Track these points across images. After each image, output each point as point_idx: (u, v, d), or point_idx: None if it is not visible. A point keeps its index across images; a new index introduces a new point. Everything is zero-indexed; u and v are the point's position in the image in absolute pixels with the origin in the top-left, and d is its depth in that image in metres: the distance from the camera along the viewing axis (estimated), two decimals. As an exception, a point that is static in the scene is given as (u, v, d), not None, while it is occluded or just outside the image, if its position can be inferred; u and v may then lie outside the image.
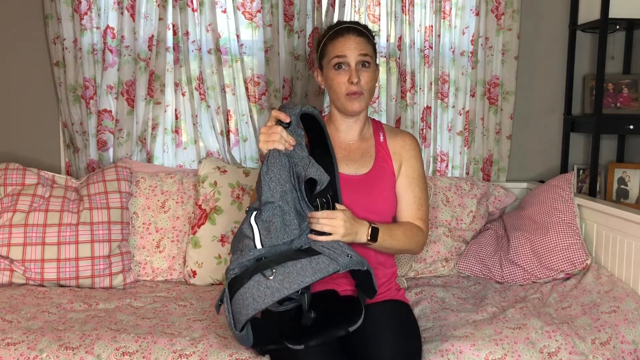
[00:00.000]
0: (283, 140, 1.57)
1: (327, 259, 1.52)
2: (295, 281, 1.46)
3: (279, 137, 1.57)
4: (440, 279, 2.45)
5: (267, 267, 1.49)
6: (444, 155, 2.88)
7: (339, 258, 1.53)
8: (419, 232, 1.83)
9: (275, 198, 1.53)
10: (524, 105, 2.91)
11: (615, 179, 2.87)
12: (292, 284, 1.46)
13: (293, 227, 1.55)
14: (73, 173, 2.71)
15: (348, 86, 1.78)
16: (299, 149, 1.60)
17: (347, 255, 1.54)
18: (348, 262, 1.53)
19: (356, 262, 1.55)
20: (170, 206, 2.47)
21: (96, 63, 2.65)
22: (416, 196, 1.86)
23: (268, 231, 1.54)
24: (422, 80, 2.79)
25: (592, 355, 1.79)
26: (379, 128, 1.93)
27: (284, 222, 1.54)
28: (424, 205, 1.87)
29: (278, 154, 1.56)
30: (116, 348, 1.73)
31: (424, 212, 1.86)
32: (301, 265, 1.49)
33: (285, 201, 1.54)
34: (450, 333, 1.84)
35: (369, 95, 1.82)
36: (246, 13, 2.70)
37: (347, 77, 1.77)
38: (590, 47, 2.90)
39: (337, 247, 1.57)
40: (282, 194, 1.54)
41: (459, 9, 2.80)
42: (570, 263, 2.30)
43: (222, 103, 2.70)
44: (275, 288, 1.46)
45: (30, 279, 2.27)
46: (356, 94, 1.78)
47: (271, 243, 1.53)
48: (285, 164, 1.56)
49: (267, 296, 1.46)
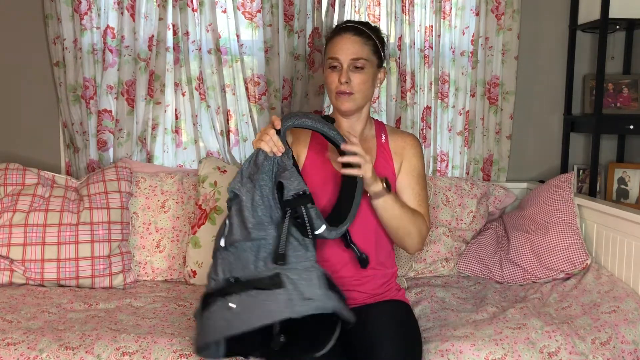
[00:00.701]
0: (272, 143, 1.59)
1: (285, 300, 1.42)
2: (248, 321, 1.42)
3: (268, 139, 1.59)
4: (440, 279, 2.45)
5: (233, 292, 1.46)
6: (444, 155, 2.88)
7: (297, 304, 1.41)
8: (424, 224, 1.82)
9: (242, 192, 1.54)
10: (524, 105, 2.91)
11: (615, 179, 2.87)
12: (243, 324, 1.42)
13: (250, 225, 1.51)
14: (73, 173, 2.71)
15: (338, 85, 1.79)
16: (285, 158, 1.60)
17: (308, 298, 1.42)
18: (306, 309, 1.41)
19: (315, 307, 1.42)
20: (170, 206, 2.47)
21: (96, 63, 2.65)
22: (416, 193, 1.86)
23: (230, 227, 1.54)
24: (422, 80, 2.79)
25: (592, 355, 1.79)
26: (381, 128, 1.93)
27: (242, 219, 1.52)
28: (424, 202, 1.86)
29: (262, 155, 1.58)
30: (116, 348, 1.73)
31: (425, 210, 1.86)
32: (262, 298, 1.43)
33: (249, 198, 1.53)
34: (450, 333, 1.84)
35: (362, 96, 1.81)
36: (246, 13, 2.70)
37: (339, 76, 1.79)
38: (590, 47, 2.90)
39: (307, 280, 1.46)
40: (248, 189, 1.54)
41: (459, 9, 2.80)
42: (570, 263, 2.30)
43: (222, 103, 2.70)
44: (231, 322, 1.43)
45: (30, 279, 2.27)
46: (345, 93, 1.78)
47: (231, 240, 1.53)
48: (264, 166, 1.57)
49: (224, 329, 1.44)
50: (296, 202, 1.53)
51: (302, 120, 1.65)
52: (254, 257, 1.51)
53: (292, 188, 1.54)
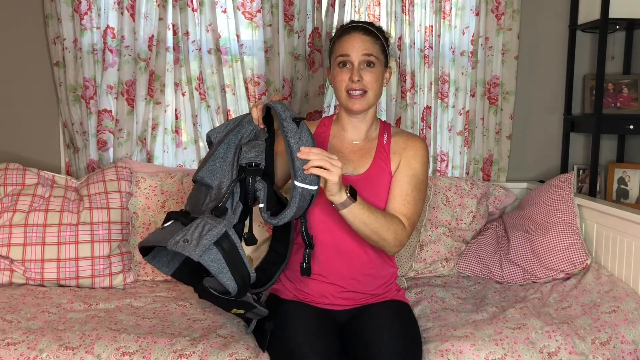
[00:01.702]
0: (258, 114, 1.68)
1: (173, 234, 1.58)
2: (154, 240, 1.63)
3: (260, 108, 1.68)
4: (440, 279, 2.45)
5: (174, 218, 1.68)
6: (444, 155, 2.88)
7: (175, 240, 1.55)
8: (400, 225, 1.74)
9: (213, 140, 1.74)
10: (524, 105, 2.91)
11: (615, 179, 2.87)
12: (153, 241, 1.63)
13: (203, 170, 1.70)
14: (73, 173, 2.71)
15: (349, 83, 1.78)
16: (262, 132, 1.71)
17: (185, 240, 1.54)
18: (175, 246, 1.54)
19: (182, 248, 1.53)
20: (170, 206, 2.47)
21: (96, 63, 2.65)
22: (403, 191, 1.80)
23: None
24: (422, 80, 2.79)
25: (592, 355, 1.79)
26: (386, 130, 1.91)
27: (203, 162, 1.71)
28: (410, 203, 1.79)
29: (248, 118, 1.72)
30: (116, 348, 1.73)
31: (410, 211, 1.78)
32: (174, 229, 1.62)
33: (215, 147, 1.71)
34: (450, 333, 1.84)
35: (374, 94, 1.81)
36: (246, 13, 2.70)
37: (349, 75, 1.78)
38: (590, 47, 2.90)
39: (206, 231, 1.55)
40: (219, 140, 1.71)
41: (459, 9, 2.80)
42: (570, 263, 2.30)
43: (222, 103, 2.70)
44: (154, 236, 1.65)
45: (30, 279, 2.27)
46: (357, 91, 1.77)
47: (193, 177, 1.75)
48: (243, 126, 1.71)
49: (148, 240, 1.65)
50: (245, 171, 1.65)
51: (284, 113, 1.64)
52: (203, 200, 1.70)
53: (247, 157, 1.66)
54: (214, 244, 1.54)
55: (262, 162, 1.66)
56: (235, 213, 1.63)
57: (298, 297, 1.83)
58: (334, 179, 1.55)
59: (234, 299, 1.62)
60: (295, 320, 1.71)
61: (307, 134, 1.61)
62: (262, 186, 1.64)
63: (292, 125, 1.59)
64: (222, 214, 1.61)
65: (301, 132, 1.60)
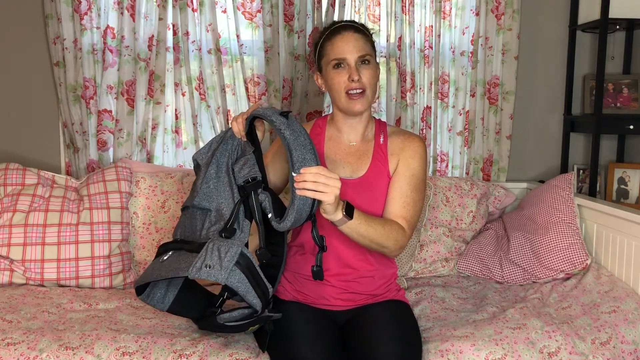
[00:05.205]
0: (238, 127, 1.68)
1: (191, 262, 1.54)
2: (161, 274, 1.59)
3: (240, 121, 1.68)
4: (440, 279, 2.45)
5: (172, 248, 1.65)
6: (444, 155, 2.88)
7: (196, 267, 1.51)
8: (400, 230, 1.72)
9: (202, 163, 1.72)
10: (524, 105, 2.91)
11: (615, 179, 2.87)
12: (158, 275, 1.60)
13: (197, 194, 1.68)
14: (73, 173, 2.71)
15: (348, 84, 1.75)
16: (247, 144, 1.71)
17: (207, 265, 1.50)
18: (199, 273, 1.50)
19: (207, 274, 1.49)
20: (170, 206, 2.47)
21: (96, 63, 2.65)
22: (403, 193, 1.78)
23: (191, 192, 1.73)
24: (422, 80, 2.79)
25: (592, 355, 1.79)
26: (382, 129, 1.88)
27: (195, 187, 1.70)
28: (410, 204, 1.77)
29: (230, 132, 1.72)
30: (116, 348, 1.73)
31: (409, 212, 1.76)
32: (182, 258, 1.59)
33: (204, 170, 1.69)
34: (450, 333, 1.84)
35: (372, 92, 1.79)
36: (246, 13, 2.70)
37: (347, 75, 1.75)
38: (590, 47, 2.91)
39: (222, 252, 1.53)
40: (207, 162, 1.71)
41: (459, 9, 2.80)
42: (570, 263, 2.30)
43: (222, 103, 2.70)
44: (155, 270, 1.62)
45: (30, 279, 2.27)
46: (357, 90, 1.75)
47: (185, 204, 1.72)
48: (228, 143, 1.71)
49: (149, 275, 1.62)
50: (245, 190, 1.65)
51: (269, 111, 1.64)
52: (201, 225, 1.67)
53: (241, 175, 1.66)
54: (235, 265, 1.53)
55: (258, 174, 1.65)
56: (244, 231, 1.63)
57: (297, 298, 1.83)
58: (329, 199, 1.50)
59: (257, 318, 1.61)
60: (295, 321, 1.71)
61: (297, 125, 1.60)
62: (266, 196, 1.63)
63: (282, 118, 1.58)
64: (232, 234, 1.61)
65: (292, 123, 1.59)
